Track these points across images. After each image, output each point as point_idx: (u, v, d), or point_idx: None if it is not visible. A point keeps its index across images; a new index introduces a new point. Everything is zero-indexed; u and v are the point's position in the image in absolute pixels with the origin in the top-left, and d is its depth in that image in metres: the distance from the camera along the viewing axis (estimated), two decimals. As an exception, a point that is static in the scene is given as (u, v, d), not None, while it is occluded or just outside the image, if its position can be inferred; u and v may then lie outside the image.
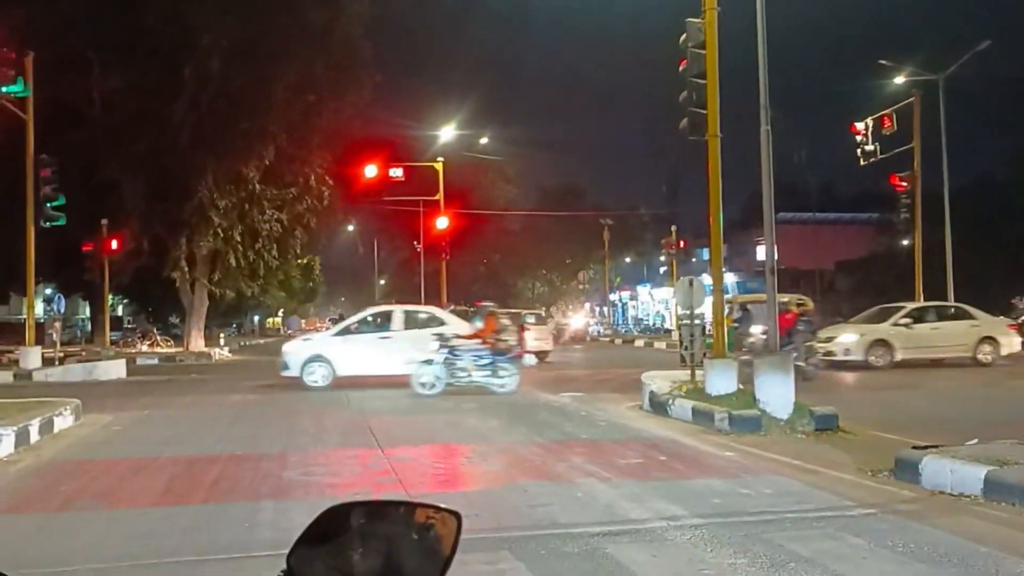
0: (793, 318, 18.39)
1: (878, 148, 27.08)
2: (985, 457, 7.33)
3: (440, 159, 37.12)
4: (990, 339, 22.05)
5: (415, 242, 43.48)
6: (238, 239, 32.41)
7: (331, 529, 1.17)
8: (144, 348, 36.51)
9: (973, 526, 6.21)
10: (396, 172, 35.73)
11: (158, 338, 38.47)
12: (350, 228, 52.32)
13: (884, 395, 16.16)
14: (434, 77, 46.07)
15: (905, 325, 21.89)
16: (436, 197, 37.10)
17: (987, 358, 21.66)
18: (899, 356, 21.22)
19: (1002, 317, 24.80)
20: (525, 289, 60.42)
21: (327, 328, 32.78)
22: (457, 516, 1.24)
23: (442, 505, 1.24)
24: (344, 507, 1.20)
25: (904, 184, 28.01)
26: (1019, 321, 26.14)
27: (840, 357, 20.81)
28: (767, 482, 7.83)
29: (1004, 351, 22.05)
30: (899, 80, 28.69)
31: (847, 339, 21.62)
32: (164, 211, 30.36)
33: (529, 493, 7.45)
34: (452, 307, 33.91)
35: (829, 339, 21.12)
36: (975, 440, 8.27)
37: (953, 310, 23.41)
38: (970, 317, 22.58)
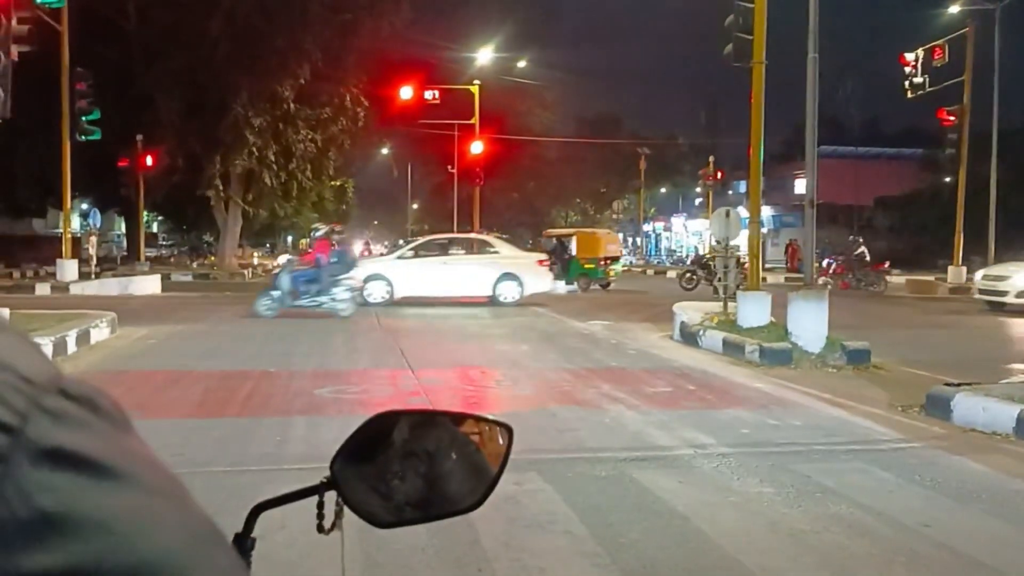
0: (324, 248, 16.42)
1: (927, 80, 26.34)
2: (1019, 396, 7.25)
3: (477, 82, 36.66)
4: (512, 276, 19.60)
5: (449, 167, 43.23)
6: (272, 159, 32.40)
7: (375, 440, 1.13)
8: (195, 265, 36.96)
9: (1004, 463, 6.17)
10: (432, 95, 35.31)
11: (210, 255, 38.93)
12: (384, 151, 52.11)
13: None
14: (473, -2, 45.22)
15: (407, 258, 20.07)
16: (471, 121, 36.74)
17: (507, 297, 19.36)
18: (400, 292, 19.09)
19: (532, 253, 22.22)
20: (558, 217, 60.17)
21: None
22: (508, 429, 1.19)
23: (492, 417, 1.19)
24: (389, 416, 1.16)
25: (952, 119, 27.29)
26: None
27: None
28: (796, 414, 7.81)
29: (528, 290, 19.61)
30: (954, 9, 27.71)
31: None
32: (199, 128, 30.37)
33: (558, 418, 7.49)
34: (486, 233, 33.91)
35: None
36: (1009, 379, 8.17)
37: (477, 244, 21.20)
38: (493, 251, 20.36)
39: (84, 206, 37.71)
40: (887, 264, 26.46)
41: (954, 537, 4.64)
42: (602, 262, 26.14)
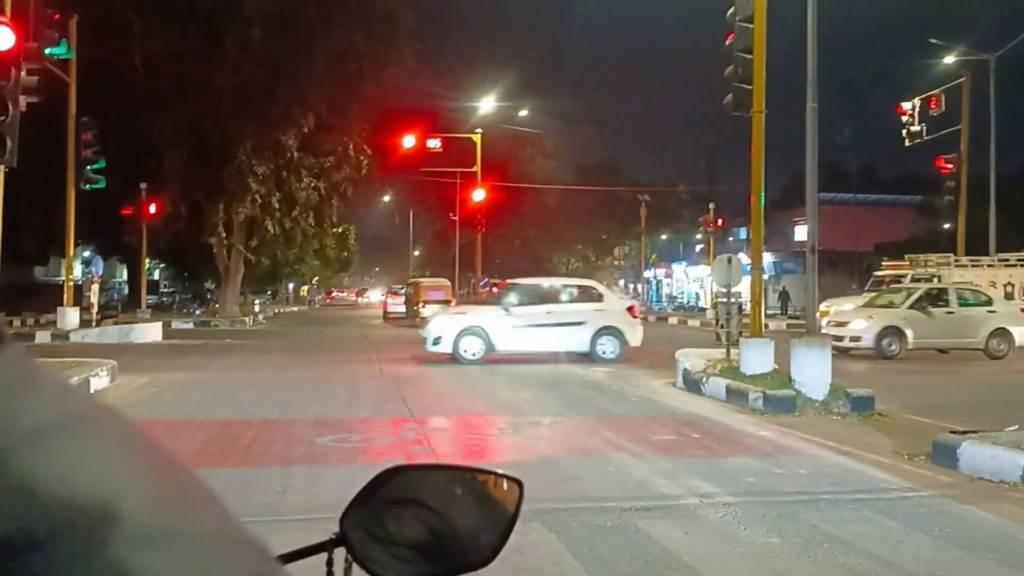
0: None
1: (924, 129, 26.61)
2: (1026, 444, 7.19)
3: (478, 131, 37.00)
4: None
5: (451, 214, 43.46)
6: (275, 206, 32.58)
7: (384, 495, 1.12)
8: (198, 313, 36.94)
9: (1012, 512, 6.11)
10: (434, 143, 35.66)
11: (215, 303, 39.10)
12: (386, 198, 52.47)
13: None
14: (475, 48, 46.01)
15: None
16: (473, 169, 37.01)
17: None
18: None
19: None
20: (560, 264, 60.25)
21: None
22: (519, 483, 1.18)
23: (502, 471, 1.19)
24: (399, 470, 1.14)
25: (949, 166, 27.50)
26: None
27: None
28: (802, 462, 7.75)
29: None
30: (949, 60, 28.08)
31: None
32: (203, 177, 30.58)
33: (561, 466, 7.42)
34: (485, 280, 33.99)
35: None
36: (1015, 426, 8.12)
37: None
38: None
39: (86, 254, 37.86)
40: None
41: (965, 588, 4.58)
42: (422, 304, 31.10)
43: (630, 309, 18.29)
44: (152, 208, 31.05)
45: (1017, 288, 23.67)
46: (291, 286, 73.94)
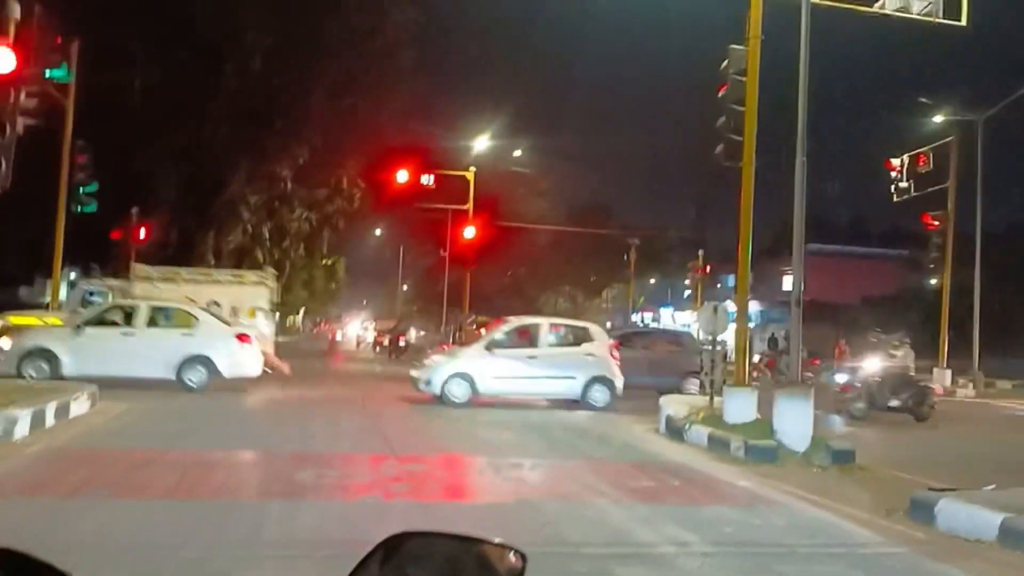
0: None
1: (912, 185, 26.94)
2: (1002, 503, 7.21)
3: (472, 169, 37.23)
4: None
5: (441, 250, 43.58)
6: (266, 236, 32.66)
7: (390, 560, 1.14)
8: None
9: (985, 572, 6.12)
10: (428, 179, 35.81)
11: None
12: (378, 232, 52.58)
13: None
14: (473, 86, 46.53)
15: None
16: (466, 207, 37.18)
17: None
18: None
19: None
20: (547, 304, 60.26)
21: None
22: (523, 556, 1.21)
23: (503, 542, 1.21)
24: (405, 537, 1.17)
25: (936, 223, 27.82)
26: None
27: None
28: (780, 514, 7.75)
29: None
30: (938, 119, 28.51)
31: None
32: (195, 204, 30.63)
33: (539, 510, 7.40)
34: (473, 317, 33.99)
35: None
36: (992, 485, 8.14)
37: None
38: None
39: (72, 276, 37.68)
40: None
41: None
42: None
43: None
44: (142, 233, 31.01)
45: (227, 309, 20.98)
46: (277, 316, 73.67)
